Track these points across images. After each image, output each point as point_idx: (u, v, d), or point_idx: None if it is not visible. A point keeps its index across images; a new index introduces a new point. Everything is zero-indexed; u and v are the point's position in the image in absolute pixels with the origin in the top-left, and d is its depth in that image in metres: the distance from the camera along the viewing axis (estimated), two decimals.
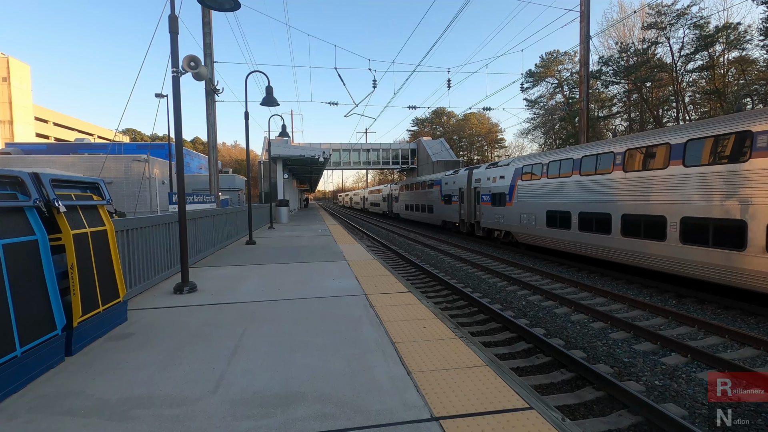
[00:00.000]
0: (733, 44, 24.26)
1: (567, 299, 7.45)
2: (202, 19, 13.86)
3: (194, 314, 4.31)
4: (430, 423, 2.19)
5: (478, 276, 10.26)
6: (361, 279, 6.05)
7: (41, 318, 2.81)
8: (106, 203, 3.90)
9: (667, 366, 4.82)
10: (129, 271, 4.89)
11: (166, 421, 2.21)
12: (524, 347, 5.41)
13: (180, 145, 5.49)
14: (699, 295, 7.60)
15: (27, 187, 2.90)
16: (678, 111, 28.01)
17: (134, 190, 20.30)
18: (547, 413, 2.31)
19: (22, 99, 47.18)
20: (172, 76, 5.20)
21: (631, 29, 30.32)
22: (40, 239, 2.87)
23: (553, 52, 38.88)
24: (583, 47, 15.27)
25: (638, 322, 6.37)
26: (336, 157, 43.63)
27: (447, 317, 4.20)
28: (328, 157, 24.29)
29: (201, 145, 67.16)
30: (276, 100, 10.82)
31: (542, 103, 41.76)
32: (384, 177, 74.64)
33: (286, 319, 4.08)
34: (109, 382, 2.70)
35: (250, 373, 2.81)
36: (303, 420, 2.22)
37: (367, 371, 2.84)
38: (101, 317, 3.55)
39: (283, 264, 7.51)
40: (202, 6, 8.14)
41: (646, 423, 3.58)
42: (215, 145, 14.85)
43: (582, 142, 15.63)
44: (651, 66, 27.21)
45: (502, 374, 2.81)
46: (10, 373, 2.49)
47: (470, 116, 58.07)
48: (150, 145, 31.45)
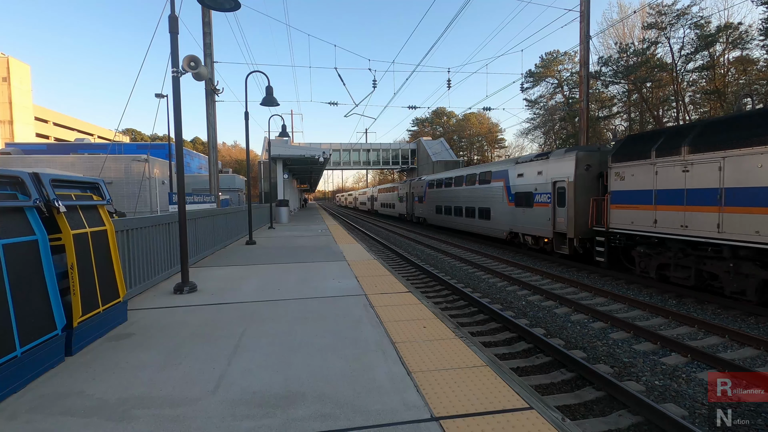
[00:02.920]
0: (734, 44, 24.26)
1: (567, 299, 7.45)
2: (202, 19, 13.86)
3: (194, 314, 4.31)
4: (430, 423, 2.19)
5: (478, 276, 10.26)
6: (361, 279, 6.05)
7: (41, 318, 2.81)
8: (106, 203, 3.90)
9: (667, 366, 4.82)
10: (129, 271, 4.89)
11: (166, 421, 2.21)
12: (524, 347, 5.41)
13: (180, 145, 5.49)
14: (699, 296, 7.60)
15: (27, 187, 2.90)
16: (678, 111, 28.01)
17: (134, 190, 20.28)
18: (547, 413, 2.31)
19: (22, 99, 47.19)
20: (172, 76, 5.20)
21: (631, 29, 30.35)
22: (40, 239, 2.87)
23: (553, 52, 38.89)
24: (583, 47, 15.28)
25: (638, 322, 6.37)
26: (336, 157, 43.64)
27: (447, 317, 4.21)
28: (328, 157, 24.30)
29: (201, 145, 67.16)
30: (276, 100, 10.82)
31: (542, 103, 41.77)
32: (384, 177, 74.64)
33: (286, 319, 4.08)
34: (109, 382, 2.71)
35: (250, 373, 2.81)
36: (303, 420, 2.22)
37: (367, 371, 2.84)
38: (101, 317, 3.55)
39: (283, 264, 7.51)
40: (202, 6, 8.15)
41: (646, 423, 3.58)
42: (215, 145, 14.86)
43: (582, 142, 15.65)
44: (651, 66, 27.20)
45: (502, 374, 2.81)
46: (10, 373, 2.49)
47: (470, 116, 58.07)
48: (150, 145, 31.44)
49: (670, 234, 7.86)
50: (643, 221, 8.52)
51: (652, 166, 8.35)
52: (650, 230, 8.36)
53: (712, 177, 7.08)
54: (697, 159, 7.38)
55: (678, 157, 7.74)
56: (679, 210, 7.71)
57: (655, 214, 8.25)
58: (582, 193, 10.70)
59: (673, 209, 7.85)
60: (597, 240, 10.17)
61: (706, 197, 7.19)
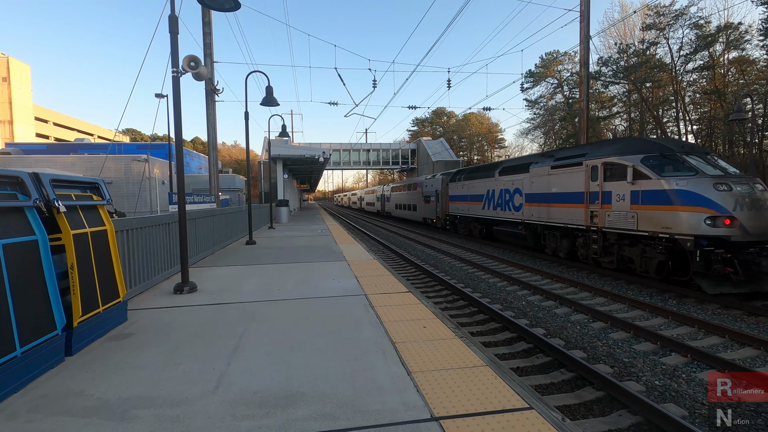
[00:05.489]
0: (733, 44, 24.26)
1: (567, 299, 7.45)
2: (202, 19, 13.86)
3: (194, 314, 4.31)
4: (430, 423, 2.19)
5: (478, 276, 10.26)
6: (361, 279, 6.05)
7: (41, 318, 2.81)
8: (106, 203, 3.90)
9: (667, 366, 4.82)
10: (129, 271, 4.89)
11: (166, 421, 2.21)
12: (524, 347, 5.41)
13: (180, 145, 5.49)
14: (699, 296, 7.60)
15: (27, 187, 2.90)
16: (678, 111, 28.02)
17: (134, 190, 20.29)
18: (547, 413, 2.31)
19: (22, 99, 47.18)
20: (172, 76, 5.20)
21: (632, 29, 30.34)
22: (40, 239, 2.87)
23: (553, 52, 38.89)
24: (583, 47, 15.28)
25: (638, 322, 6.36)
26: (336, 157, 43.65)
27: (447, 317, 4.21)
28: (328, 157, 24.29)
29: (201, 145, 67.13)
30: (276, 100, 10.82)
31: (542, 103, 41.75)
32: (384, 177, 74.61)
33: (286, 319, 4.08)
34: (109, 382, 2.71)
35: (250, 373, 2.81)
36: (303, 420, 2.22)
37: (367, 371, 2.84)
38: (101, 317, 3.55)
39: (283, 264, 7.51)
40: (202, 6, 8.15)
41: (646, 423, 3.58)
42: (215, 145, 14.86)
43: (582, 142, 15.65)
44: (650, 66, 27.20)
45: (502, 374, 2.81)
46: (10, 373, 2.49)
47: (470, 116, 58.08)
48: (150, 145, 31.45)
49: (472, 214, 17.70)
50: (461, 210, 19.03)
51: (460, 183, 19.04)
52: (463, 213, 18.81)
53: (480, 188, 16.68)
54: (470, 183, 17.90)
55: (466, 182, 18.37)
56: (473, 204, 17.44)
57: (468, 207, 18.08)
58: (443, 196, 21.62)
59: (472, 204, 17.61)
60: (447, 218, 21.30)
61: (478, 198, 16.88)
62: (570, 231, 11.07)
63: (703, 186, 7.59)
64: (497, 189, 15.17)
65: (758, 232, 7.22)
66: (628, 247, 9.11)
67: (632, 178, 8.76)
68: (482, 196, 16.46)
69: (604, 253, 9.78)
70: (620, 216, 9.07)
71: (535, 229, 12.84)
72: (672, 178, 8.03)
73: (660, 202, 8.15)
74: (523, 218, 13.22)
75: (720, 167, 8.25)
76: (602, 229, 9.58)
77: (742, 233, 7.22)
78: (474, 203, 17.29)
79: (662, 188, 8.11)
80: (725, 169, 8.21)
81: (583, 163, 10.33)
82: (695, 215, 7.52)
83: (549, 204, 11.81)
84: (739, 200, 7.34)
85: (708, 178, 7.68)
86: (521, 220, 13.36)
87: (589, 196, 10.04)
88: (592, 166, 9.96)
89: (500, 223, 15.12)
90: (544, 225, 12.19)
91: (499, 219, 15.07)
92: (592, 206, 9.92)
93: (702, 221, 7.42)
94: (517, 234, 13.78)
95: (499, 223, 15.24)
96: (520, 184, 13.49)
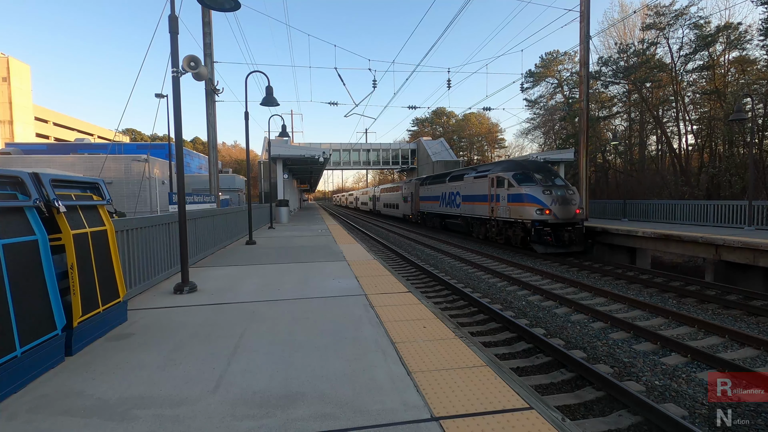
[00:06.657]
0: (733, 44, 24.24)
1: (567, 299, 7.45)
2: (202, 19, 13.85)
3: (194, 314, 4.31)
4: (430, 423, 2.19)
5: (478, 276, 10.26)
6: (361, 279, 6.05)
7: (41, 318, 2.81)
8: (106, 203, 3.89)
9: (667, 366, 4.82)
10: (129, 271, 4.89)
11: (166, 421, 2.21)
12: (524, 347, 5.41)
13: (180, 145, 5.49)
14: (699, 296, 7.61)
15: (27, 187, 2.90)
16: (678, 111, 28.01)
17: (134, 190, 20.29)
18: (547, 413, 2.31)
19: (22, 99, 47.16)
20: (172, 76, 5.20)
21: (632, 29, 30.28)
22: (40, 239, 2.87)
23: (553, 52, 38.80)
24: (583, 47, 15.28)
25: (638, 322, 6.37)
26: (336, 157, 43.57)
27: (447, 317, 4.20)
28: (328, 157, 24.29)
29: (201, 145, 67.11)
30: (276, 100, 10.81)
31: (542, 103, 41.66)
32: (384, 177, 74.60)
33: (286, 319, 4.08)
34: (109, 382, 2.70)
35: (250, 373, 2.81)
36: (303, 420, 2.22)
37: (367, 371, 2.84)
38: (101, 317, 3.55)
39: (283, 264, 7.51)
40: (202, 6, 8.13)
41: (646, 423, 3.58)
42: (215, 145, 14.85)
43: (582, 142, 15.65)
44: (650, 66, 27.19)
45: (502, 374, 2.81)
46: (10, 373, 2.49)
47: (470, 116, 58.02)
48: (150, 145, 31.44)
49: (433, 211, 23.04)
50: (427, 208, 24.27)
51: (426, 186, 24.50)
52: (428, 210, 24.07)
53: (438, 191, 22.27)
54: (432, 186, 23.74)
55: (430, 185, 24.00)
56: (434, 203, 22.88)
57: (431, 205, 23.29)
58: (416, 196, 26.59)
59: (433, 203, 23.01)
60: (419, 214, 26.09)
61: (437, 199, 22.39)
62: (484, 221, 16.68)
63: (538, 191, 13.22)
64: (447, 192, 20.89)
65: (564, 218, 12.91)
66: (507, 229, 14.89)
67: (507, 186, 14.49)
68: (439, 197, 22.16)
69: (497, 233, 15.66)
70: (503, 209, 14.77)
71: (466, 220, 18.48)
72: (523, 186, 13.72)
73: (519, 200, 13.76)
74: (461, 213, 18.91)
75: (551, 179, 13.97)
76: (495, 218, 15.45)
77: (554, 218, 12.81)
78: (434, 202, 23.02)
79: (520, 192, 13.75)
80: (554, 181, 13.96)
81: (487, 175, 15.96)
82: (532, 208, 13.14)
83: (473, 203, 17.51)
84: (555, 199, 12.96)
85: (541, 186, 13.36)
86: (460, 214, 19.09)
87: (490, 197, 15.65)
88: (491, 177, 15.69)
89: (449, 217, 20.78)
90: (471, 217, 17.91)
91: (448, 214, 20.76)
92: (492, 204, 15.56)
93: (535, 211, 13.02)
94: (459, 225, 19.46)
95: (449, 217, 20.90)
96: (459, 189, 19.05)
